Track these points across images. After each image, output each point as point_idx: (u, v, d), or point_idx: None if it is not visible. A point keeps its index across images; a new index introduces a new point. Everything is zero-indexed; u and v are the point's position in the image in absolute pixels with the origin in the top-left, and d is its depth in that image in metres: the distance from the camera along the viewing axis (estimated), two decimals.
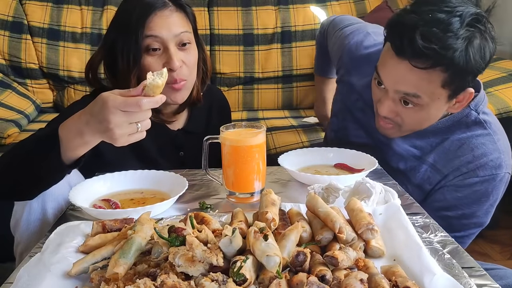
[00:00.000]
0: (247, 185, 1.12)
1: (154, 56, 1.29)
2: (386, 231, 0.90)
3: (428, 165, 1.34)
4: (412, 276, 0.76)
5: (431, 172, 1.34)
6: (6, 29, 2.62)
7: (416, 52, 1.12)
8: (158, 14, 1.29)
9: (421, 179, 1.35)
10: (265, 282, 0.74)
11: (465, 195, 1.31)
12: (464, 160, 1.29)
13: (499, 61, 2.63)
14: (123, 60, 1.30)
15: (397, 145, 1.36)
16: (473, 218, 1.33)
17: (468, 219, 1.33)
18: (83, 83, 2.69)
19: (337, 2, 2.87)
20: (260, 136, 1.11)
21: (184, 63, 1.32)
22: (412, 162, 1.35)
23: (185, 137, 1.46)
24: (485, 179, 1.28)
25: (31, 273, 0.80)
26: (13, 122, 2.31)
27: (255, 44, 2.77)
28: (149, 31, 1.28)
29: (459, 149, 1.30)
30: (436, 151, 1.33)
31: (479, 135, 1.30)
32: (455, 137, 1.31)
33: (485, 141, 1.30)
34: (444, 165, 1.32)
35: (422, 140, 1.34)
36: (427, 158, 1.34)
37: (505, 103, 2.31)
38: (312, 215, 0.90)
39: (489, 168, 1.28)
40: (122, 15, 1.35)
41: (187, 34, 1.32)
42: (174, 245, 0.77)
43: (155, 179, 1.19)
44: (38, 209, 1.12)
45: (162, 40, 1.28)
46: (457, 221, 1.32)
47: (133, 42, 1.27)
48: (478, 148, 1.29)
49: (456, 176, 1.30)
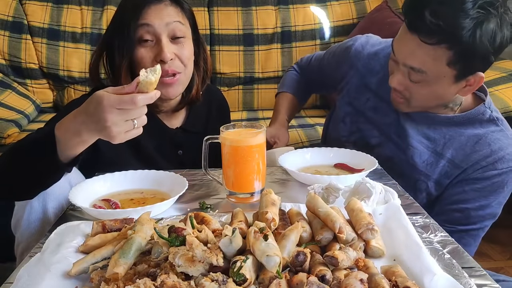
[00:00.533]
0: (247, 185, 1.12)
1: (146, 47, 1.30)
2: (386, 231, 0.90)
3: (446, 160, 1.37)
4: (412, 276, 0.76)
5: (449, 167, 1.37)
6: (6, 29, 2.62)
7: (425, 27, 1.16)
8: (152, 6, 1.30)
9: (440, 174, 1.38)
10: (265, 282, 0.74)
11: (483, 186, 1.35)
12: (483, 154, 1.34)
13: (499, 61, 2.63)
14: (119, 54, 1.31)
15: (411, 137, 1.39)
16: (489, 208, 1.37)
17: (484, 209, 1.37)
18: (83, 83, 2.69)
19: (337, 2, 2.87)
20: (260, 136, 1.11)
21: (177, 56, 1.32)
22: (429, 157, 1.38)
23: (184, 135, 1.46)
24: (504, 172, 1.33)
25: (31, 273, 0.80)
26: (13, 122, 2.31)
27: (255, 44, 2.77)
28: (141, 20, 1.29)
29: (476, 144, 1.35)
30: (453, 146, 1.37)
31: (493, 131, 1.35)
32: (471, 132, 1.36)
33: (500, 137, 1.35)
34: (462, 160, 1.36)
35: (434, 131, 1.38)
36: (445, 153, 1.37)
37: (505, 103, 2.31)
38: (312, 215, 0.90)
39: (506, 161, 1.33)
40: (118, 11, 1.37)
41: (180, 25, 1.32)
42: (174, 245, 0.77)
43: (155, 179, 1.19)
44: (39, 209, 1.12)
45: (154, 30, 1.29)
46: (474, 213, 1.36)
47: (126, 34, 1.29)
48: (495, 143, 1.34)
49: (475, 170, 1.35)
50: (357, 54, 1.53)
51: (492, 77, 2.46)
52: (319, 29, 2.83)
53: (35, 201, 1.12)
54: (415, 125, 1.40)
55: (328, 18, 2.85)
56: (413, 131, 1.39)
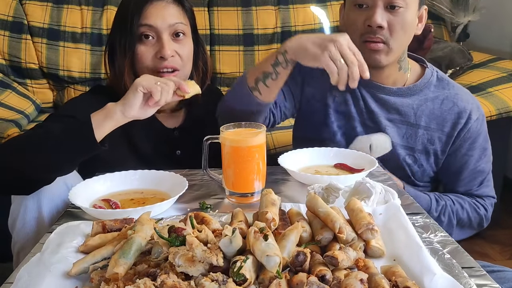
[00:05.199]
0: (247, 185, 1.12)
1: (147, 44, 1.32)
2: (386, 231, 0.90)
3: (422, 128, 1.43)
4: (412, 276, 0.76)
5: (428, 134, 1.44)
6: (6, 29, 2.62)
7: None
8: (154, 4, 1.32)
9: (422, 143, 1.44)
10: (265, 282, 0.74)
11: (474, 138, 1.44)
12: (454, 113, 1.43)
13: (499, 61, 2.63)
14: (120, 50, 1.33)
15: (383, 117, 1.43)
16: (488, 154, 1.48)
17: (487, 155, 1.47)
18: (83, 83, 2.69)
19: (337, 2, 2.87)
20: (260, 136, 1.11)
21: (177, 54, 1.33)
22: (407, 130, 1.43)
23: (182, 136, 1.46)
24: (479, 118, 1.44)
25: (31, 273, 0.80)
26: (13, 122, 2.31)
27: (255, 44, 2.77)
28: (143, 20, 1.31)
29: (442, 105, 1.43)
30: (424, 113, 1.43)
31: (449, 89, 1.45)
32: (431, 96, 1.44)
33: (457, 91, 1.45)
34: (438, 123, 1.43)
35: (401, 104, 1.43)
36: (419, 122, 1.43)
37: (505, 103, 2.31)
38: (312, 215, 0.90)
39: (476, 109, 1.44)
40: (120, 8, 1.39)
41: (181, 25, 1.34)
42: (174, 245, 0.77)
43: (155, 179, 1.19)
44: (34, 208, 1.12)
45: (156, 29, 1.31)
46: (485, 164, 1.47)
47: (128, 31, 1.30)
48: (457, 98, 1.44)
49: (458, 130, 1.42)
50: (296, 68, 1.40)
51: (492, 77, 2.46)
52: (319, 29, 2.83)
53: (30, 201, 1.12)
54: (382, 104, 1.43)
55: (328, 18, 2.84)
56: (382, 111, 1.44)
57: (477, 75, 2.52)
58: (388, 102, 1.43)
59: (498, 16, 2.90)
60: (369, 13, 1.31)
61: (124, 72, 1.33)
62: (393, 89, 1.43)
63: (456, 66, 2.56)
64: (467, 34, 2.97)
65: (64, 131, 1.14)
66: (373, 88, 1.44)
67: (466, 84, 2.47)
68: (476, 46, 2.93)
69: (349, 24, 1.37)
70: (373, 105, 1.44)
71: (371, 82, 1.41)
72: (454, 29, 2.97)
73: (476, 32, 3.01)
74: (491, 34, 2.96)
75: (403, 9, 1.31)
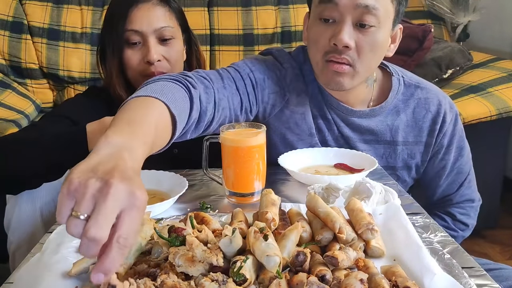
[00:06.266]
0: (247, 185, 1.12)
1: (134, 49, 1.32)
2: (386, 231, 0.90)
3: (401, 144, 1.36)
4: (412, 276, 0.76)
5: (407, 148, 1.37)
6: (6, 29, 2.62)
7: None
8: (139, 6, 1.31)
9: (403, 159, 1.38)
10: (265, 282, 0.74)
11: (450, 141, 1.38)
12: (428, 120, 1.35)
13: (499, 61, 2.63)
14: (110, 54, 1.33)
15: (357, 141, 1.36)
16: (465, 153, 1.42)
17: (464, 155, 1.42)
18: (83, 83, 2.69)
19: None
20: (260, 136, 1.11)
21: (165, 58, 1.33)
22: (385, 150, 1.37)
23: None
24: (454, 118, 1.38)
25: (31, 273, 0.80)
26: (13, 122, 2.31)
27: (255, 44, 2.77)
28: (129, 25, 1.30)
29: (414, 114, 1.35)
30: (399, 128, 1.35)
31: (418, 94, 1.35)
32: (402, 106, 1.35)
33: (427, 95, 1.35)
34: (415, 135, 1.36)
35: (375, 121, 1.34)
36: (396, 139, 1.35)
37: (505, 103, 2.31)
38: (312, 215, 0.90)
39: (449, 110, 1.37)
40: (108, 10, 1.39)
41: (168, 29, 1.33)
42: (174, 245, 0.77)
43: (155, 179, 1.18)
44: (28, 208, 1.12)
45: (142, 34, 1.30)
46: (463, 165, 1.42)
47: (115, 35, 1.30)
48: (428, 103, 1.35)
49: (435, 137, 1.36)
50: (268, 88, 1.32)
51: (492, 77, 2.46)
52: None
53: (25, 201, 1.12)
54: (354, 128, 1.35)
55: None
56: (355, 135, 1.35)
57: (477, 75, 2.52)
58: (360, 125, 1.34)
59: (498, 16, 2.90)
60: (335, 30, 1.16)
61: (112, 76, 1.33)
62: (365, 111, 1.33)
63: (456, 66, 2.56)
64: (467, 34, 2.97)
65: (57, 137, 1.12)
66: (344, 112, 1.33)
67: (466, 84, 2.47)
68: (476, 46, 2.93)
69: (312, 40, 1.23)
70: (346, 129, 1.34)
71: (340, 105, 1.32)
72: (454, 29, 2.97)
73: (476, 32, 3.01)
74: (491, 34, 2.96)
75: (375, 28, 1.16)
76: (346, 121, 1.34)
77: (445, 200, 1.45)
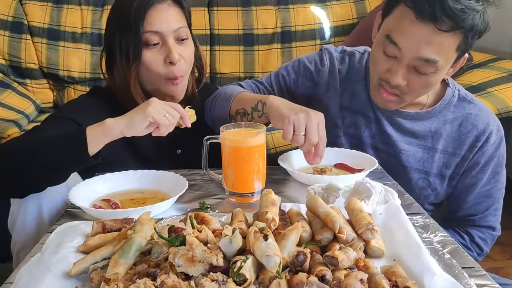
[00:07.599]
0: (247, 185, 1.12)
1: (153, 50, 1.30)
2: (386, 231, 0.90)
3: (440, 152, 1.38)
4: (412, 276, 0.76)
5: (444, 158, 1.38)
6: (6, 29, 2.62)
7: (444, 13, 1.11)
8: (156, 7, 1.30)
9: (438, 167, 1.39)
10: (265, 282, 0.74)
11: (487, 161, 1.38)
12: (472, 135, 1.36)
13: (499, 61, 2.63)
14: (122, 56, 1.31)
15: (399, 141, 1.38)
16: (500, 180, 1.42)
17: (498, 181, 1.41)
18: (83, 83, 2.69)
19: (337, 2, 2.87)
20: (260, 136, 1.11)
21: (182, 57, 1.33)
22: (423, 154, 1.38)
23: (182, 135, 1.46)
24: (497, 142, 1.38)
25: (31, 273, 0.80)
26: (13, 122, 2.31)
27: (255, 44, 2.77)
28: (148, 27, 1.29)
29: (460, 127, 1.37)
30: (441, 136, 1.37)
31: (469, 109, 1.37)
32: (451, 117, 1.37)
33: (477, 112, 1.37)
34: (455, 147, 1.37)
35: (418, 128, 1.37)
36: (436, 146, 1.38)
37: (505, 103, 2.31)
38: (312, 215, 0.90)
39: (495, 132, 1.38)
40: (120, 10, 1.35)
41: (184, 29, 1.34)
42: (174, 245, 0.77)
43: (155, 179, 1.19)
44: (34, 209, 1.12)
45: (162, 34, 1.29)
46: (494, 190, 1.41)
47: (132, 37, 1.28)
48: (477, 120, 1.37)
49: (474, 153, 1.37)
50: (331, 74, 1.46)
51: (492, 77, 2.46)
52: (319, 29, 2.83)
53: (30, 201, 1.12)
54: (398, 129, 1.38)
55: (328, 18, 2.84)
56: (398, 135, 1.38)
57: (477, 75, 2.51)
58: (404, 126, 1.37)
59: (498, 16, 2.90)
60: (393, 67, 1.21)
61: (130, 80, 1.31)
62: (411, 113, 1.37)
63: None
64: None
65: (57, 141, 1.11)
66: (391, 111, 1.36)
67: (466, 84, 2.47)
68: (476, 46, 2.91)
69: (372, 58, 1.29)
70: (389, 128, 1.38)
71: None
72: None
73: None
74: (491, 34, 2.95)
75: (432, 73, 1.20)
76: (390, 119, 1.38)
77: (468, 220, 1.43)
